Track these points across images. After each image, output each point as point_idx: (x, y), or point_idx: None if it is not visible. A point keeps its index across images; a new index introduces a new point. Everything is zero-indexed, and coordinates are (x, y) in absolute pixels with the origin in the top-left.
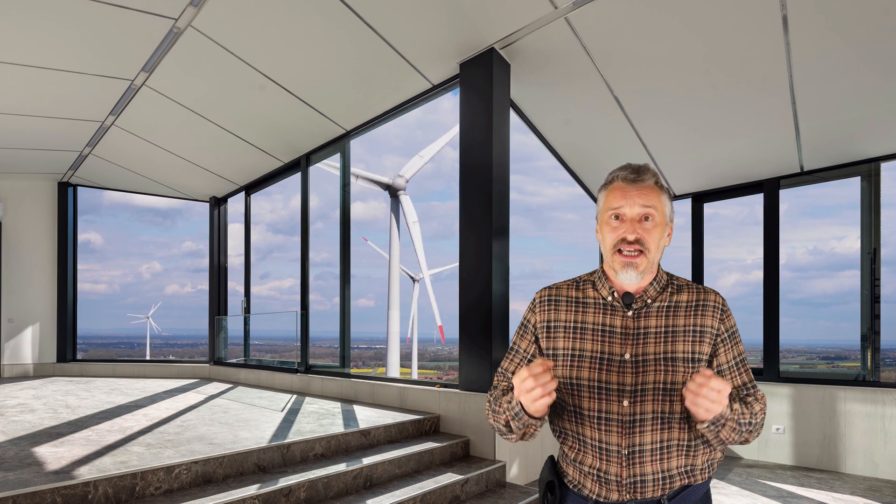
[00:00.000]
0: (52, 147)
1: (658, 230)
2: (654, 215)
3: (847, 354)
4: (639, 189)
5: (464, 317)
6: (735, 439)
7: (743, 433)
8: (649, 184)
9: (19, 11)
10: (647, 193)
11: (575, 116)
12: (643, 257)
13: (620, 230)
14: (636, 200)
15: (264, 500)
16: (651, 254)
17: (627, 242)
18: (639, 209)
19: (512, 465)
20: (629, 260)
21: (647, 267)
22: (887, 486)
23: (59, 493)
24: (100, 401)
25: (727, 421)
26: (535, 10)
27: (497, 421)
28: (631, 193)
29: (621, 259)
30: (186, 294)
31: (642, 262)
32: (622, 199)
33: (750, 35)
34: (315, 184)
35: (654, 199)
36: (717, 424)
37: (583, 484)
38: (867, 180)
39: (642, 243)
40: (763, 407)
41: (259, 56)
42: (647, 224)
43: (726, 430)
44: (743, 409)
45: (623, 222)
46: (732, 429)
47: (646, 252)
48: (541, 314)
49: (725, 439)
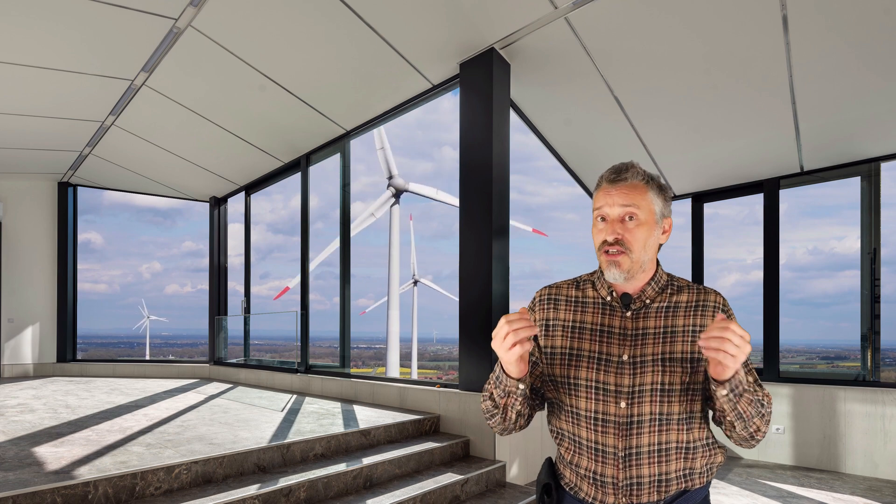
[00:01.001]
0: (52, 147)
1: (642, 229)
2: (637, 214)
3: (847, 354)
4: (619, 189)
5: (464, 317)
6: (752, 416)
7: (758, 414)
8: (632, 182)
9: (19, 11)
10: (627, 192)
11: (575, 116)
12: (625, 257)
13: (604, 231)
14: (616, 200)
15: (264, 500)
16: (635, 254)
17: (608, 244)
18: (619, 209)
19: (512, 465)
20: (612, 259)
21: (631, 267)
22: (887, 486)
23: (59, 493)
24: (100, 401)
25: (744, 391)
26: (535, 10)
27: (486, 402)
28: (612, 193)
29: (605, 259)
30: (186, 294)
31: (625, 261)
32: (604, 199)
33: (750, 35)
34: (315, 184)
35: (637, 197)
36: (737, 392)
37: (579, 487)
38: (867, 180)
39: (623, 244)
40: (770, 403)
41: (259, 56)
42: (630, 224)
43: (744, 403)
44: (755, 389)
45: (606, 223)
46: (749, 401)
47: (628, 252)
48: (540, 312)
49: (743, 413)
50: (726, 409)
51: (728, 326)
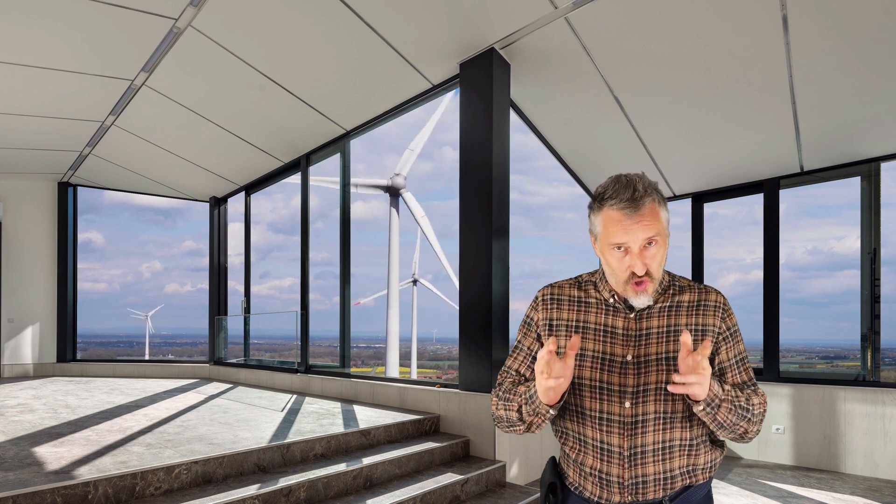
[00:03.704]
0: (52, 147)
1: (662, 248)
2: (658, 239)
3: (846, 354)
4: (640, 220)
5: (464, 317)
6: (734, 423)
7: (742, 418)
8: (650, 207)
9: (19, 11)
10: (647, 222)
11: (575, 116)
12: (651, 283)
13: (626, 261)
14: (639, 234)
15: (264, 500)
16: (657, 274)
17: (637, 276)
18: (642, 241)
19: (512, 465)
20: (642, 289)
21: (656, 287)
22: (887, 486)
23: (59, 493)
24: (100, 401)
25: (721, 402)
26: (535, 10)
27: (509, 409)
28: (633, 228)
29: (634, 289)
30: (186, 293)
31: (651, 286)
32: (624, 234)
33: (750, 35)
34: (315, 184)
35: (655, 221)
36: (713, 405)
37: (583, 486)
38: (867, 180)
39: (650, 273)
40: (763, 402)
41: (259, 56)
42: (652, 250)
43: (723, 412)
44: (738, 394)
45: (627, 253)
46: (729, 410)
47: (653, 279)
48: (543, 312)
49: (724, 422)
50: (706, 421)
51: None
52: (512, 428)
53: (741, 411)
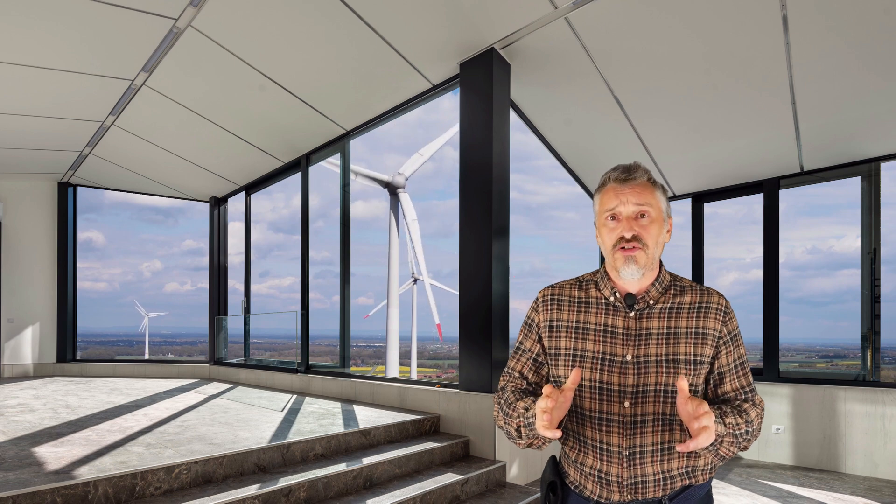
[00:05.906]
0: (52, 147)
1: (655, 226)
2: (650, 212)
3: (846, 353)
4: (631, 187)
5: (464, 317)
6: (734, 452)
7: (741, 443)
8: (641, 181)
9: (19, 11)
10: (640, 191)
11: (575, 116)
12: (642, 252)
13: (618, 229)
14: (630, 199)
15: (264, 500)
16: (650, 249)
17: (625, 240)
18: (633, 207)
19: (512, 465)
20: (629, 254)
21: (647, 262)
22: (887, 486)
23: (59, 493)
24: (100, 401)
25: (723, 438)
26: (535, 10)
27: (509, 424)
28: (624, 192)
29: (622, 255)
30: (186, 292)
31: (641, 256)
32: (616, 198)
33: (750, 35)
34: (315, 183)
35: (648, 195)
36: (716, 443)
37: (583, 485)
38: (867, 180)
39: (640, 239)
40: (760, 412)
41: (259, 56)
42: (644, 221)
43: (724, 447)
44: (738, 421)
45: (619, 221)
46: (731, 443)
47: (644, 248)
48: (544, 313)
49: (726, 455)
50: (709, 457)
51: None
52: (513, 441)
53: (741, 439)
